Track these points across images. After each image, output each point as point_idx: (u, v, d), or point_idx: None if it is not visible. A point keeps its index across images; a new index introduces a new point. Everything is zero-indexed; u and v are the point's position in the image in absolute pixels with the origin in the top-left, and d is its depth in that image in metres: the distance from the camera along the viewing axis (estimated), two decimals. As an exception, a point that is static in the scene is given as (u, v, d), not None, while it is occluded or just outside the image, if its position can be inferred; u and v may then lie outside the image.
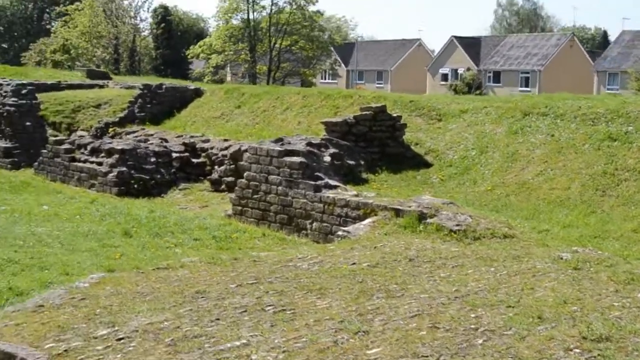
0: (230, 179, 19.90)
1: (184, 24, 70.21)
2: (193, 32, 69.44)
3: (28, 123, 24.89)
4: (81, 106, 26.85)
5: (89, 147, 21.48)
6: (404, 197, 14.11)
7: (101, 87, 29.21)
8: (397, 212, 12.43)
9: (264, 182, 15.92)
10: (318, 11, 63.49)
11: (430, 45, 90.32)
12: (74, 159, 21.46)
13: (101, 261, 12.30)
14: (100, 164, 20.66)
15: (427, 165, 17.15)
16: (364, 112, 17.47)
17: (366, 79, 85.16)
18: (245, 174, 16.34)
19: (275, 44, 62.05)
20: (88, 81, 30.47)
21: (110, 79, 32.34)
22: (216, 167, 20.43)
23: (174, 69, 63.65)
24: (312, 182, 15.01)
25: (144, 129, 23.92)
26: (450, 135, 18.00)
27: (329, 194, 14.80)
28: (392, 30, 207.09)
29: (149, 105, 25.38)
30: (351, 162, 16.35)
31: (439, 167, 16.94)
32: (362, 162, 16.57)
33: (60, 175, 21.74)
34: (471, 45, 77.82)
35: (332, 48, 72.07)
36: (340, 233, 12.71)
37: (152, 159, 20.55)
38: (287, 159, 15.47)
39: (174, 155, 20.95)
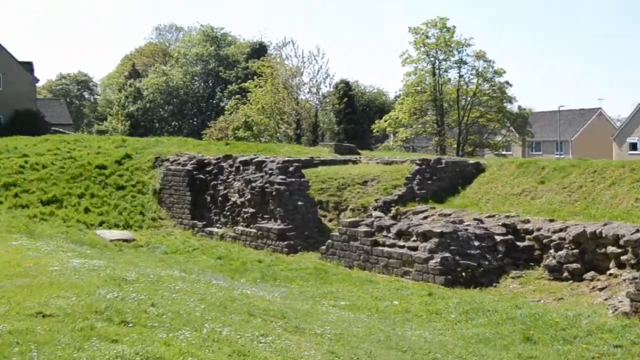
0: (574, 265, 16.96)
1: (365, 99, 68.88)
2: (375, 106, 67.97)
3: (300, 202, 22.92)
4: (345, 183, 24.73)
5: (392, 230, 19.08)
6: None
7: (354, 162, 27.13)
8: None
9: (686, 274, 12.88)
10: (507, 82, 60.68)
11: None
12: (376, 243, 19.07)
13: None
14: (413, 248, 18.18)
15: None
16: None
17: (544, 150, 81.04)
18: (653, 264, 13.35)
19: (464, 115, 59.58)
20: (339, 157, 28.51)
21: (359, 153, 30.32)
22: (551, 251, 17.51)
23: (357, 142, 61.98)
24: None
25: (434, 207, 21.42)
26: None
27: None
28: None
29: (429, 182, 22.94)
30: None
31: None
32: None
33: (358, 261, 19.38)
34: (663, 112, 72.82)
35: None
36: None
37: (476, 243, 17.90)
38: None
39: (497, 238, 18.20)
